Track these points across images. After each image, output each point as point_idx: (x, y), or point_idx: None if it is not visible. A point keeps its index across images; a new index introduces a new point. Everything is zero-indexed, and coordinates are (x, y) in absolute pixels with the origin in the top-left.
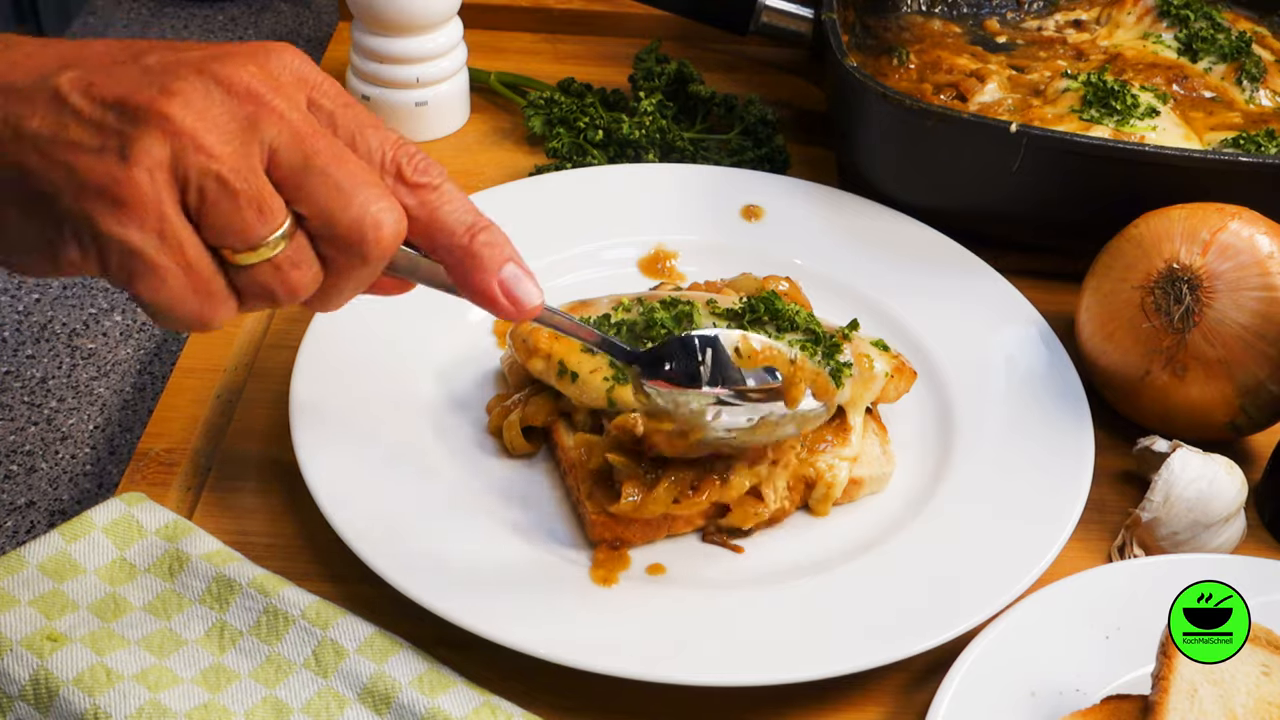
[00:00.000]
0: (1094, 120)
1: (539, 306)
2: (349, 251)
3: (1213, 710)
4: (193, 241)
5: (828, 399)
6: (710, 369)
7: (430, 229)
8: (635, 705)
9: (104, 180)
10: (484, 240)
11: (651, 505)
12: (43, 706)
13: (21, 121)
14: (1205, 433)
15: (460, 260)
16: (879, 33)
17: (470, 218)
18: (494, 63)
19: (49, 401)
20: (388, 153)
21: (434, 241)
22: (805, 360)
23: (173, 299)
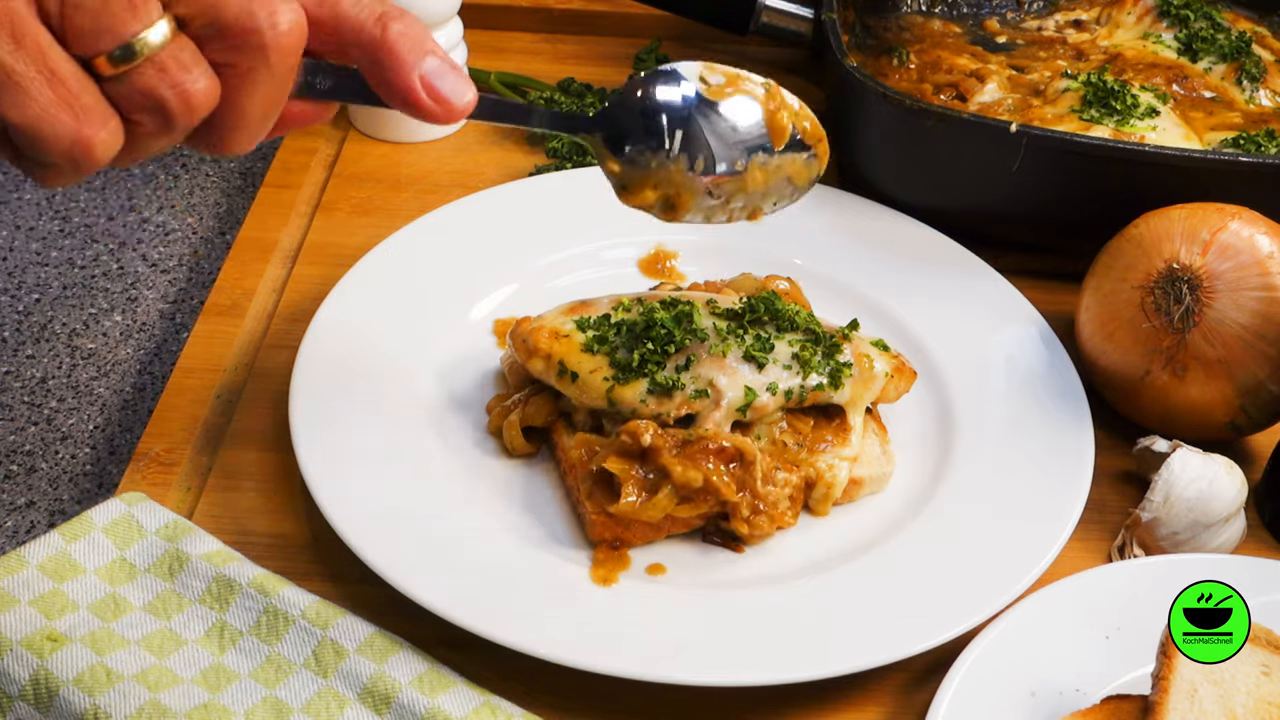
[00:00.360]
0: (1094, 120)
1: (470, 104)
2: (244, 49)
3: (1213, 710)
4: (54, 48)
5: (817, 144)
6: (681, 140)
7: (336, 26)
8: (635, 705)
9: None
10: (398, 30)
11: (651, 509)
12: (43, 706)
13: None
14: (1205, 433)
15: (374, 57)
16: (879, 33)
17: (379, 6)
18: (494, 63)
19: (49, 401)
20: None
21: (342, 40)
22: (780, 91)
23: (41, 115)
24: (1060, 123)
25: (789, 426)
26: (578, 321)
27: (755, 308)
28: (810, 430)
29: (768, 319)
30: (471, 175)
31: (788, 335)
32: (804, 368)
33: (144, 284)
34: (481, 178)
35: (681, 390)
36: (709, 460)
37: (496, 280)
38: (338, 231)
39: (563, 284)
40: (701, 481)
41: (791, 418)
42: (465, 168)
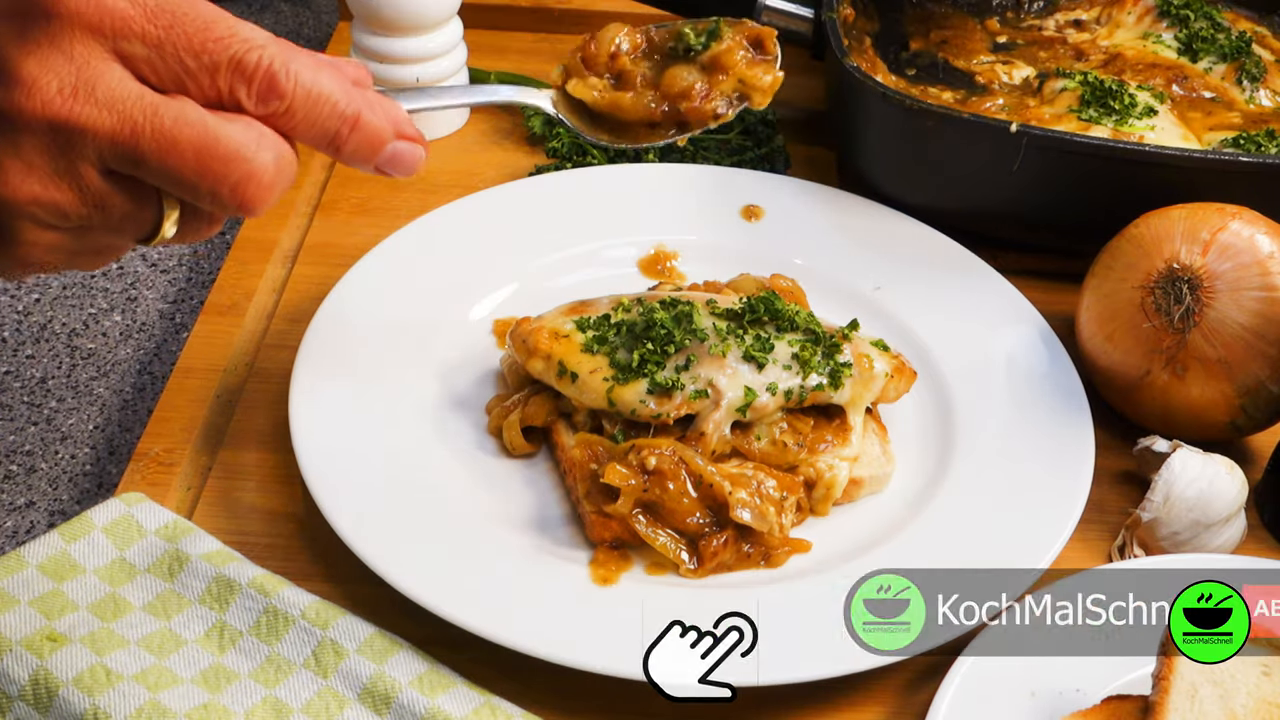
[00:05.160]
0: (1092, 120)
1: (420, 162)
2: (229, 212)
3: (1213, 710)
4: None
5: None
6: None
7: (294, 139)
8: (635, 705)
9: (3, 255)
10: (351, 149)
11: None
12: (42, 707)
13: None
14: (1205, 433)
15: (331, 156)
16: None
17: (332, 125)
18: (494, 63)
19: (49, 401)
20: (223, 85)
21: (300, 142)
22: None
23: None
24: (1058, 123)
25: (789, 426)
26: (577, 322)
27: (755, 308)
28: (810, 430)
29: (767, 319)
30: (471, 175)
31: (787, 335)
32: (804, 368)
33: (144, 284)
34: (481, 178)
35: (681, 390)
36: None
37: (496, 280)
38: (338, 231)
39: (563, 284)
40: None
41: (791, 418)
42: (465, 168)
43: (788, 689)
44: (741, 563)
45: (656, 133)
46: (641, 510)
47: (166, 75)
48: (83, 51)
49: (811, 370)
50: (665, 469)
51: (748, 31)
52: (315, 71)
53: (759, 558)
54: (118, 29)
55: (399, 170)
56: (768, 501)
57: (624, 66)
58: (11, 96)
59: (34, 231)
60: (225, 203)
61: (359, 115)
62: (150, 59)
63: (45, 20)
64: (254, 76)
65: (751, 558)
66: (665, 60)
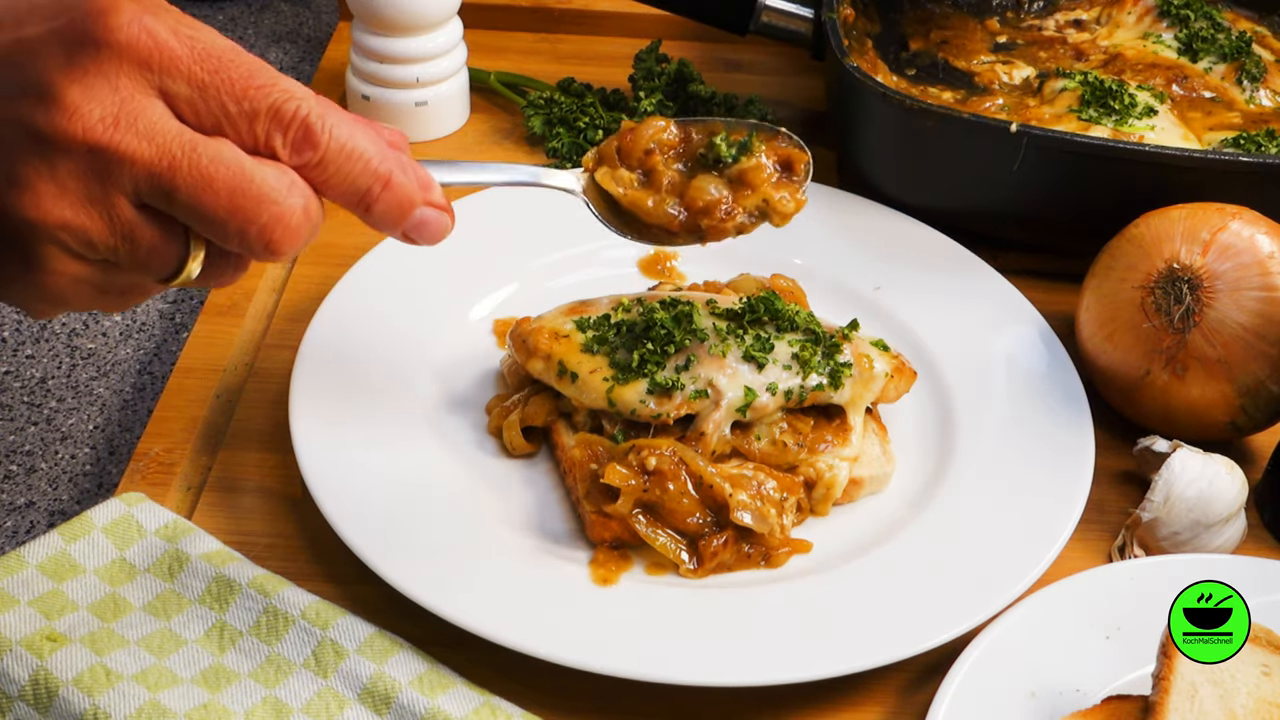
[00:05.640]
0: (1092, 120)
1: (447, 233)
2: (255, 255)
3: (1213, 710)
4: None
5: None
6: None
7: (323, 194)
8: (635, 705)
9: (28, 284)
10: (381, 209)
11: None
12: (42, 707)
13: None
14: (1205, 433)
15: (359, 216)
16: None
17: (364, 183)
18: (494, 63)
19: (49, 401)
20: (260, 132)
21: (329, 199)
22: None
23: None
24: (1058, 122)
25: (789, 426)
26: (577, 322)
27: (755, 308)
28: (810, 430)
29: (767, 319)
30: None
31: (787, 335)
32: (804, 368)
33: None
34: None
35: (681, 390)
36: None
37: (496, 280)
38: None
39: (563, 284)
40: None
41: (791, 418)
42: None
43: (788, 689)
44: (741, 563)
45: (674, 238)
46: (641, 510)
47: (206, 117)
48: (128, 84)
49: (811, 370)
50: (665, 469)
51: (779, 151)
52: (351, 127)
53: (759, 558)
54: (165, 67)
55: (424, 238)
56: (768, 503)
57: (655, 165)
58: (53, 119)
59: (60, 259)
60: (252, 243)
61: (390, 176)
62: (192, 99)
63: (95, 49)
64: (290, 125)
65: (752, 558)
66: (694, 167)
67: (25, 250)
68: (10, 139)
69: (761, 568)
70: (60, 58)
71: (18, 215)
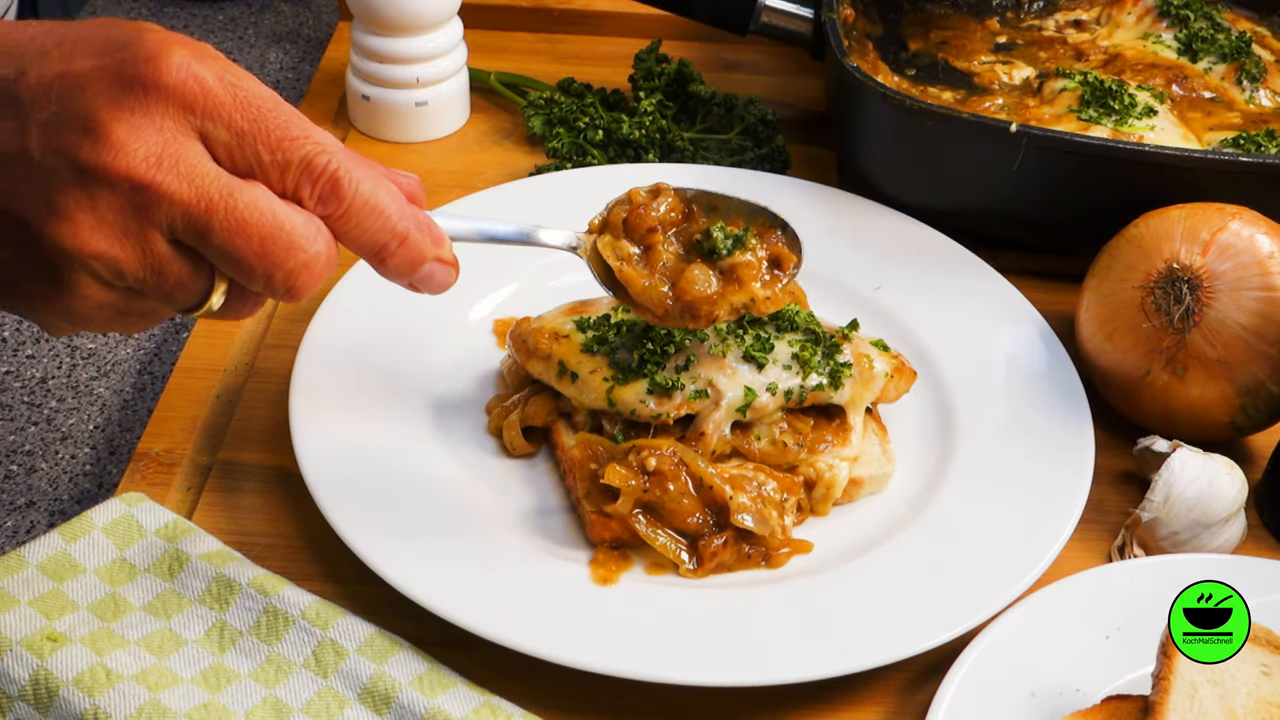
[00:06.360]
0: (1092, 120)
1: (450, 284)
2: (275, 295)
3: (1213, 710)
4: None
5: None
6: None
7: (342, 243)
8: (635, 705)
9: (53, 305)
10: (395, 263)
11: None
12: (43, 707)
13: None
14: (1205, 433)
15: (373, 266)
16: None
17: (382, 237)
18: (494, 63)
19: (49, 401)
20: (290, 181)
21: (347, 248)
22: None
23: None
24: (1058, 123)
25: (789, 426)
26: (577, 322)
27: None
28: (810, 430)
29: (767, 319)
30: (471, 175)
31: (787, 335)
32: (804, 368)
33: None
34: (481, 178)
35: (681, 390)
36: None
37: (496, 280)
38: None
39: (563, 284)
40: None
41: (791, 418)
42: (465, 168)
43: (788, 689)
44: (741, 563)
45: (659, 319)
46: (641, 510)
47: (241, 162)
48: (171, 126)
49: (811, 370)
50: (665, 470)
51: (772, 248)
52: (375, 183)
53: (759, 558)
54: (209, 112)
55: (428, 288)
56: (769, 504)
57: (655, 243)
58: (99, 153)
59: (89, 285)
60: (276, 286)
61: (408, 234)
62: (230, 145)
63: (144, 90)
64: (320, 178)
65: (752, 558)
66: (691, 252)
67: (56, 274)
68: (53, 168)
69: (762, 568)
70: (109, 95)
71: (54, 242)
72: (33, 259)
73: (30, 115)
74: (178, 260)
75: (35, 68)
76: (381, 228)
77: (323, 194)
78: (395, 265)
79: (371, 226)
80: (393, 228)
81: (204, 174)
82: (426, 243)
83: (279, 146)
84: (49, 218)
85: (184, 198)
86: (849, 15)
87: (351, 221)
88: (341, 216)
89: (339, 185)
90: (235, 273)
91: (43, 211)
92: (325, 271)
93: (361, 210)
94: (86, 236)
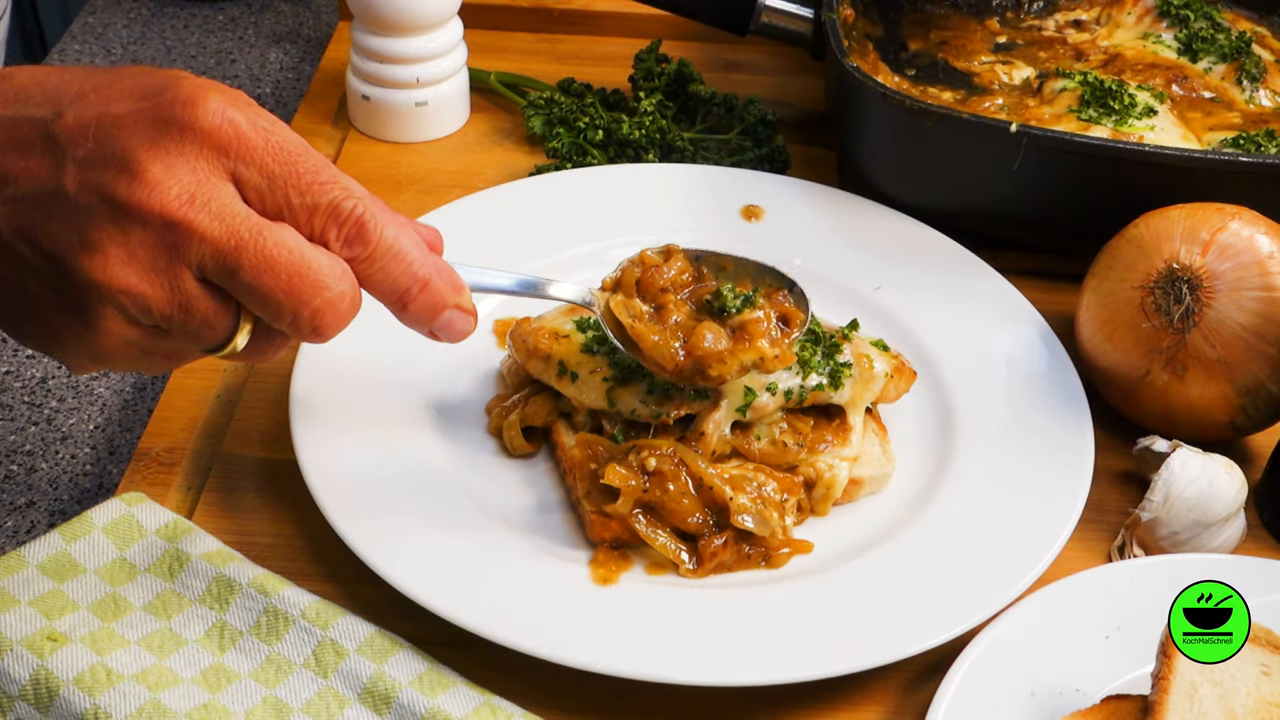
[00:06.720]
0: (1092, 120)
1: (469, 332)
2: (300, 336)
3: (1213, 710)
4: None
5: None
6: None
7: (365, 287)
8: (635, 705)
9: (79, 341)
10: (416, 309)
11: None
12: (43, 706)
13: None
14: (1205, 433)
15: (393, 312)
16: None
17: (404, 283)
18: (494, 63)
19: (49, 401)
20: (317, 224)
21: (369, 293)
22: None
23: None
24: (1058, 123)
25: (789, 426)
26: (577, 322)
27: None
28: (810, 430)
29: None
30: (471, 175)
31: None
32: (804, 368)
33: None
34: (481, 178)
35: (681, 390)
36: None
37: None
38: None
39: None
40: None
41: (791, 418)
42: (465, 168)
43: (788, 689)
44: (741, 563)
45: (673, 376)
46: (641, 510)
47: (270, 204)
48: (205, 166)
49: (811, 370)
50: (665, 470)
51: (779, 308)
52: (399, 230)
53: (759, 558)
54: (241, 155)
55: (448, 336)
56: (770, 505)
57: (667, 303)
58: (134, 191)
59: (116, 321)
60: (302, 326)
61: (429, 280)
62: (260, 187)
63: (180, 131)
64: (346, 222)
65: (752, 558)
66: (701, 312)
67: (84, 310)
68: (87, 204)
69: (762, 568)
70: (145, 135)
71: (84, 276)
72: (62, 294)
73: (67, 154)
74: (205, 298)
75: (73, 110)
76: (404, 272)
77: (349, 237)
78: (416, 311)
79: (395, 271)
80: (415, 273)
81: (235, 213)
82: (447, 289)
83: (308, 190)
84: (80, 252)
85: (215, 235)
86: (849, 15)
87: (376, 265)
88: (366, 260)
89: (365, 229)
90: (263, 311)
91: (75, 246)
92: (350, 313)
93: (386, 255)
94: (116, 271)
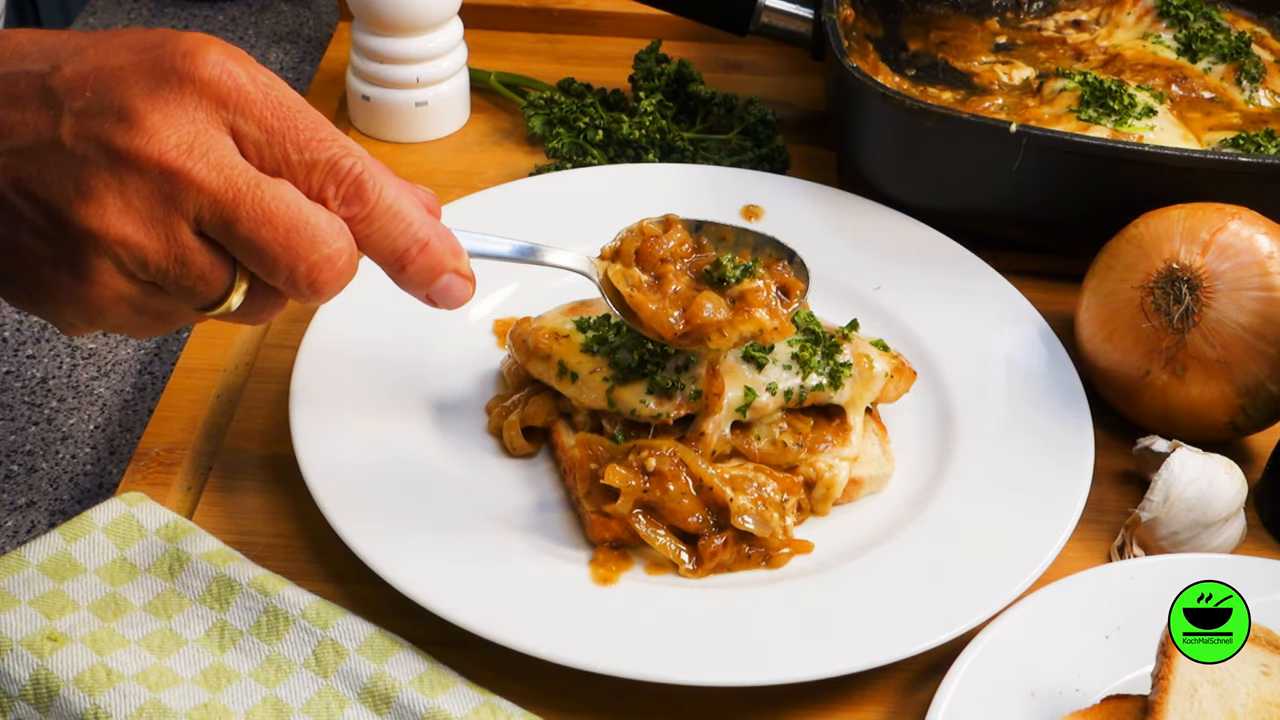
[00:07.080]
0: (1092, 120)
1: (467, 298)
2: (296, 293)
3: (1213, 710)
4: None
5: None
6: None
7: (363, 249)
8: (635, 705)
9: (72, 296)
10: (414, 271)
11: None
12: (43, 706)
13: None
14: (1205, 433)
15: (391, 275)
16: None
17: (402, 243)
18: (494, 63)
19: (49, 401)
20: (315, 181)
21: (367, 254)
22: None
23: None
24: (1058, 123)
25: (789, 426)
26: (577, 322)
27: None
28: (810, 430)
29: None
30: (471, 175)
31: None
32: (804, 368)
33: None
34: (481, 178)
35: (681, 390)
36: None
37: (496, 280)
38: None
39: (563, 284)
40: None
41: (791, 418)
42: (465, 168)
43: (788, 689)
44: (741, 563)
45: (671, 344)
46: (641, 510)
47: (268, 160)
48: (203, 118)
49: (811, 370)
50: (665, 470)
51: (779, 278)
52: (398, 190)
53: (759, 558)
54: (240, 107)
55: (445, 302)
56: (770, 505)
57: (667, 273)
58: (131, 139)
59: (110, 274)
60: (299, 282)
61: (428, 242)
62: (259, 141)
63: (179, 82)
64: (344, 180)
65: (752, 558)
66: (700, 282)
67: (78, 262)
68: (84, 153)
69: (762, 568)
70: (144, 86)
71: (80, 225)
72: (57, 246)
73: (64, 105)
74: (202, 251)
75: (70, 63)
76: (403, 233)
77: (347, 195)
78: (414, 273)
79: (393, 231)
80: (414, 234)
81: (233, 165)
82: (446, 253)
83: (307, 146)
84: (77, 200)
85: (212, 186)
86: (849, 15)
87: (374, 224)
88: (364, 219)
89: (363, 187)
90: (259, 265)
91: (71, 195)
92: (347, 271)
93: (384, 214)
94: (113, 220)
